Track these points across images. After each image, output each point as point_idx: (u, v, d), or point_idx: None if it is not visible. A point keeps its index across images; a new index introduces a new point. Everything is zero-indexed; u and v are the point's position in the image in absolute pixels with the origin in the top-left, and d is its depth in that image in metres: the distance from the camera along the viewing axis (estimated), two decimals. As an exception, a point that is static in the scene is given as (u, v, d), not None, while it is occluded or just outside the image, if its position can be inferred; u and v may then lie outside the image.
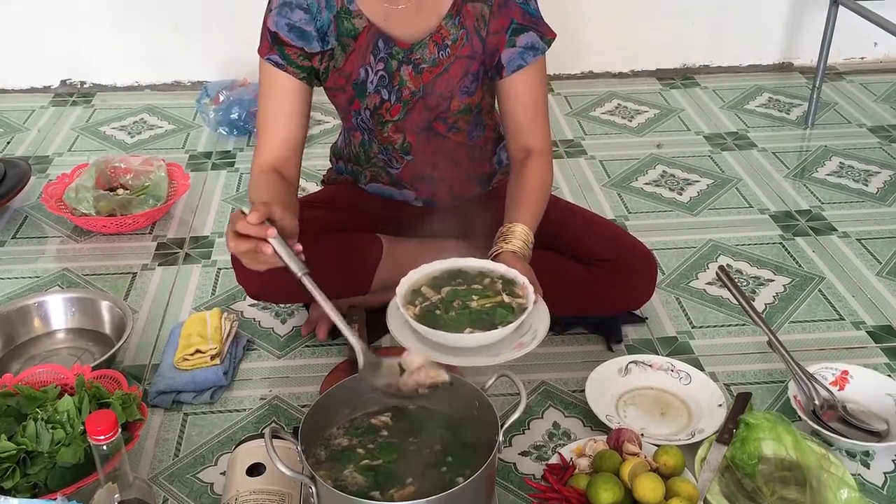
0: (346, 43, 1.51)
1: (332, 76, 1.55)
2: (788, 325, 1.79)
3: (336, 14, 1.50)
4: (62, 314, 1.75)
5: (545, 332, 1.35)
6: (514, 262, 1.41)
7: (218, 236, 2.10)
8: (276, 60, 1.51)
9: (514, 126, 1.58)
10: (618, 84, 2.95)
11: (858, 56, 3.07)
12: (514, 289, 1.39)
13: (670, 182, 2.34)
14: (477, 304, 1.37)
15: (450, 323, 1.33)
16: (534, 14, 1.53)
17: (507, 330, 1.32)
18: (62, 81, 2.91)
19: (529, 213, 1.50)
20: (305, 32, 1.50)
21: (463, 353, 1.32)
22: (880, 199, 2.25)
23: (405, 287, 1.40)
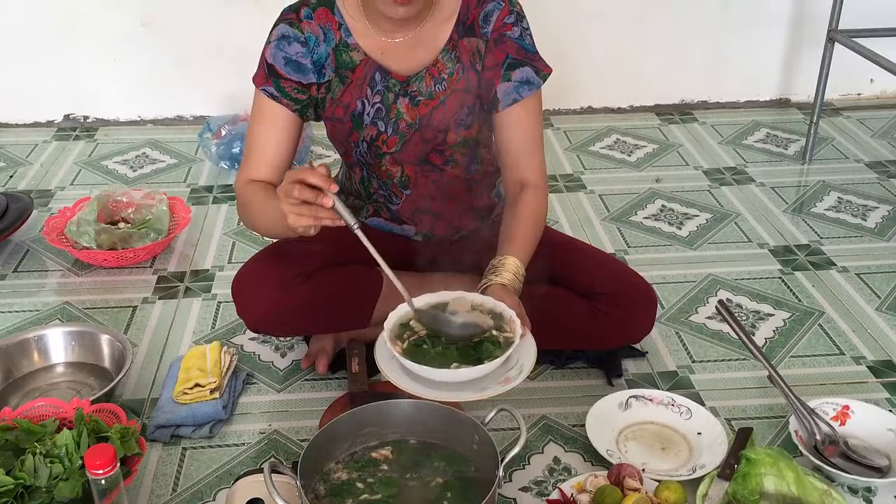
0: (345, 75, 1.54)
1: (329, 107, 1.57)
2: (789, 359, 1.79)
3: (335, 47, 1.52)
4: (62, 348, 1.75)
5: (531, 367, 1.35)
6: (503, 296, 1.42)
7: (218, 270, 2.11)
8: (271, 92, 1.53)
9: (509, 159, 1.59)
10: (617, 119, 2.98)
11: (855, 92, 3.10)
12: (502, 323, 1.39)
13: (669, 216, 2.35)
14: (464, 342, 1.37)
15: (436, 357, 1.34)
16: (529, 49, 1.55)
17: (493, 365, 1.32)
18: (65, 116, 2.93)
19: (521, 246, 1.51)
20: (301, 65, 1.52)
21: (449, 387, 1.32)
22: (879, 234, 2.26)
23: (393, 321, 1.41)
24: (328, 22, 1.52)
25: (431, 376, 1.31)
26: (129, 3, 2.76)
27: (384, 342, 1.37)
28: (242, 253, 2.15)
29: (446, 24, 1.53)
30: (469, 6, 1.52)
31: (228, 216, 2.36)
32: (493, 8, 1.52)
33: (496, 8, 1.52)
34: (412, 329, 1.40)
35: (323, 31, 1.52)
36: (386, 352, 1.37)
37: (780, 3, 2.92)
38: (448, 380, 1.32)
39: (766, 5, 2.92)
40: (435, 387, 1.32)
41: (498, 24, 1.52)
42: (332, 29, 1.52)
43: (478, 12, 1.52)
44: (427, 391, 1.31)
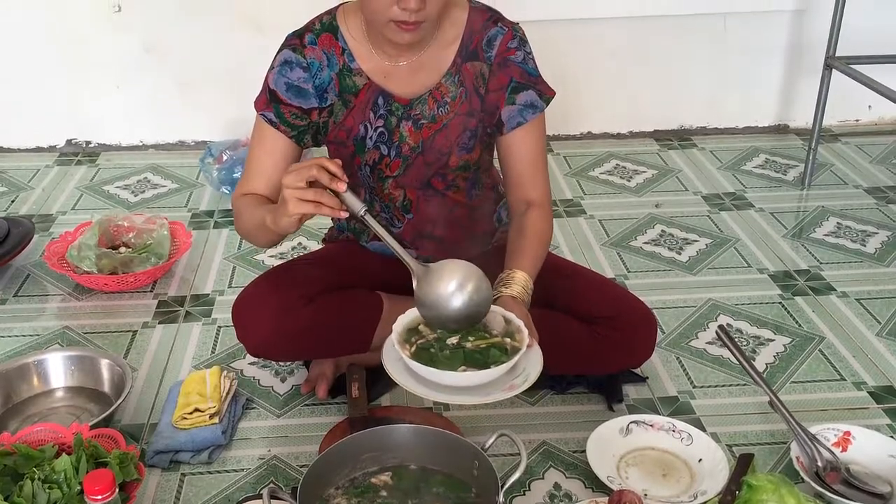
0: (348, 99, 1.55)
1: (332, 130, 1.58)
2: (790, 385, 1.79)
3: (338, 72, 1.54)
4: (61, 372, 1.74)
5: (537, 376, 1.36)
6: (513, 307, 1.43)
7: (218, 294, 2.11)
8: (270, 118, 1.55)
9: (514, 180, 1.61)
10: (616, 144, 2.99)
11: (853, 118, 3.11)
12: (511, 330, 1.41)
13: (669, 241, 2.36)
14: (472, 345, 1.38)
15: (443, 361, 1.35)
16: (532, 73, 1.56)
17: (500, 370, 1.33)
18: (68, 141, 2.95)
19: (529, 261, 1.53)
20: (303, 90, 1.54)
21: (455, 391, 1.34)
22: (878, 260, 2.26)
23: (402, 324, 1.42)
24: (332, 47, 1.54)
25: (437, 379, 1.33)
26: (133, 29, 2.78)
27: (392, 344, 1.39)
28: (243, 277, 2.15)
29: (449, 49, 1.55)
30: (472, 31, 1.54)
31: (229, 241, 2.36)
32: (497, 33, 1.54)
33: (499, 33, 1.54)
34: (420, 333, 1.42)
35: (326, 56, 1.54)
36: (394, 354, 1.39)
37: (778, 30, 2.95)
38: (454, 383, 1.33)
39: (764, 33, 2.94)
40: (440, 389, 1.33)
41: (501, 49, 1.54)
42: (335, 54, 1.54)
43: (481, 37, 1.54)
44: (433, 393, 1.33)
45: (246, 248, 2.32)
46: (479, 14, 1.55)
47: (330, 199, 1.32)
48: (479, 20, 1.55)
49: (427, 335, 1.41)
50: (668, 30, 2.91)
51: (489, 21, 1.55)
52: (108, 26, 2.77)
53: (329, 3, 1.63)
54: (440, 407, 1.70)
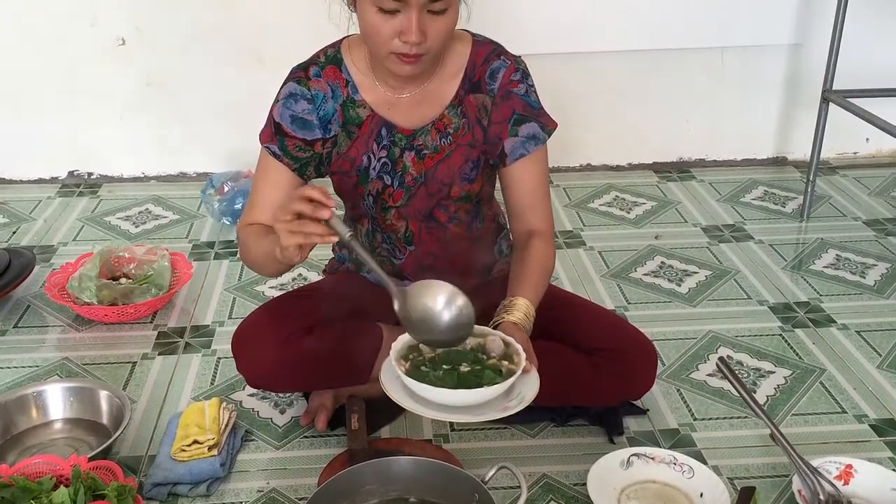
0: (351, 130, 1.57)
1: (336, 161, 1.59)
2: (790, 417, 1.78)
3: (342, 103, 1.56)
4: (60, 404, 1.74)
5: (532, 398, 1.36)
6: (513, 332, 1.44)
7: (218, 325, 2.11)
8: (274, 150, 1.56)
9: (517, 210, 1.63)
10: (616, 176, 3.01)
11: (851, 151, 3.13)
12: (510, 353, 1.41)
13: (669, 273, 2.36)
14: (467, 368, 1.38)
15: (436, 382, 1.35)
16: (535, 106, 1.58)
17: (494, 391, 1.33)
18: (70, 172, 2.96)
19: (531, 288, 1.53)
20: (307, 122, 1.55)
21: (448, 409, 1.34)
22: (878, 292, 2.26)
23: (402, 343, 1.43)
24: (336, 79, 1.56)
25: (431, 396, 1.34)
26: (136, 62, 2.81)
27: (390, 361, 1.40)
28: (243, 308, 2.15)
29: (453, 81, 1.56)
30: (475, 64, 1.56)
31: (229, 272, 2.37)
32: (500, 66, 1.56)
33: (502, 66, 1.56)
34: (419, 351, 1.42)
35: (331, 87, 1.55)
36: (391, 370, 1.39)
37: (776, 64, 2.98)
38: (447, 401, 1.34)
39: (761, 66, 2.97)
40: (434, 407, 1.34)
41: (504, 81, 1.56)
42: (339, 86, 1.56)
43: (484, 69, 1.56)
44: (425, 410, 1.33)
45: (246, 279, 2.32)
46: (483, 47, 1.57)
47: (316, 227, 1.31)
48: (483, 53, 1.57)
49: (426, 354, 1.42)
50: (667, 63, 2.94)
51: (492, 54, 1.57)
52: (112, 59, 2.80)
53: (329, 35, 1.64)
54: (440, 439, 1.70)
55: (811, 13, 2.86)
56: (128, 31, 2.77)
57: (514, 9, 2.71)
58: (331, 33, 1.63)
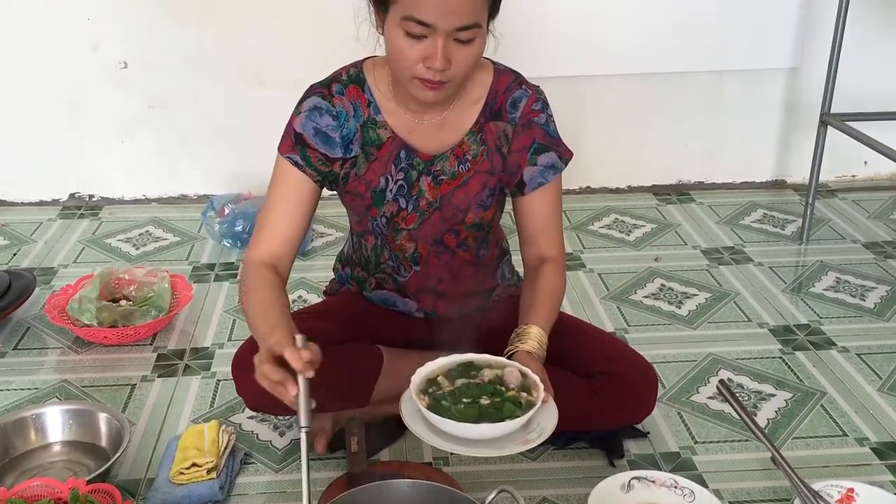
0: (370, 151, 1.57)
1: (352, 182, 1.59)
2: (791, 440, 1.77)
3: (363, 123, 1.56)
4: (59, 427, 1.73)
5: (551, 430, 1.37)
6: (529, 362, 1.44)
7: (218, 347, 2.11)
8: (296, 160, 1.55)
9: (530, 236, 1.63)
10: (615, 199, 3.01)
11: (849, 174, 3.14)
12: (528, 384, 1.42)
13: (669, 295, 2.36)
14: (487, 401, 1.38)
15: (457, 415, 1.36)
16: (553, 135, 1.60)
17: (514, 424, 1.34)
18: (71, 195, 2.97)
19: (544, 316, 1.54)
20: (330, 138, 1.55)
21: (469, 443, 1.34)
22: (878, 315, 2.26)
23: (421, 376, 1.44)
24: (358, 99, 1.56)
25: (452, 430, 1.34)
26: (138, 85, 2.82)
27: (410, 395, 1.40)
28: (243, 330, 2.15)
29: (474, 108, 1.57)
30: (497, 92, 1.57)
31: (229, 294, 2.37)
32: (521, 95, 1.57)
33: (524, 95, 1.57)
34: (438, 384, 1.43)
35: (353, 106, 1.56)
36: (411, 404, 1.39)
37: (774, 87, 2.99)
38: (468, 435, 1.34)
39: (760, 90, 2.99)
40: (455, 441, 1.34)
41: (526, 111, 1.57)
42: (361, 106, 1.56)
43: (505, 98, 1.57)
44: (447, 444, 1.34)
45: (246, 302, 2.32)
46: (504, 76, 1.58)
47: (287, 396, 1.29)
48: (504, 82, 1.58)
49: (444, 387, 1.42)
50: (666, 87, 2.95)
51: (514, 83, 1.58)
52: (114, 82, 2.81)
53: (331, 59, 1.65)
54: (440, 462, 1.69)
55: (809, 37, 2.88)
56: (129, 55, 2.79)
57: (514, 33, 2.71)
58: (332, 57, 1.65)
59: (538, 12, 2.77)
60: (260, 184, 1.60)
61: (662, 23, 2.83)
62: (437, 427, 1.35)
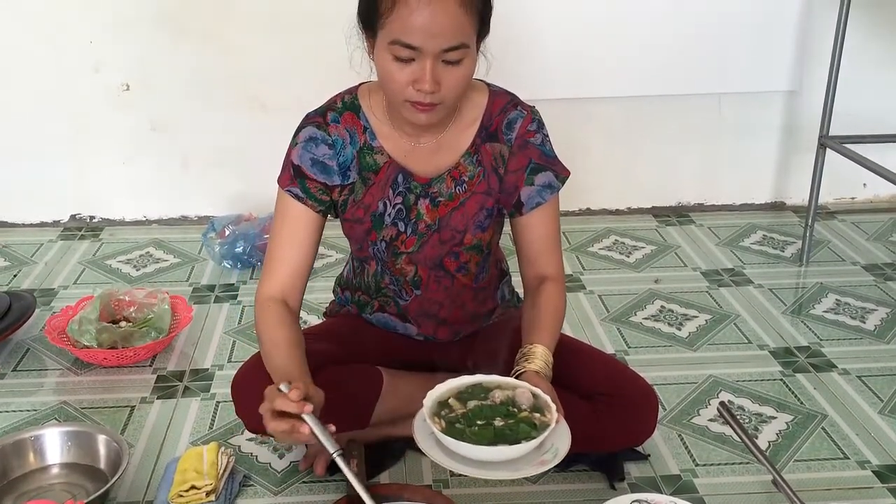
0: (367, 177, 1.57)
1: (350, 208, 1.60)
2: (793, 463, 1.77)
3: (359, 150, 1.57)
4: (58, 448, 1.72)
5: (566, 451, 1.37)
6: (538, 382, 1.44)
7: (218, 369, 2.11)
8: (297, 193, 1.56)
9: (529, 256, 1.64)
10: (615, 221, 3.02)
11: (848, 196, 3.15)
12: (539, 404, 1.41)
13: (669, 317, 2.36)
14: (501, 423, 1.38)
15: (471, 437, 1.35)
16: (549, 155, 1.60)
17: (531, 445, 1.34)
18: (72, 216, 2.98)
19: (548, 334, 1.54)
20: (328, 167, 1.56)
21: (486, 466, 1.34)
22: (878, 337, 2.26)
23: (432, 399, 1.43)
24: (354, 125, 1.57)
25: (468, 453, 1.33)
26: (140, 107, 2.84)
27: (423, 419, 1.39)
28: (243, 352, 2.15)
29: (469, 130, 1.58)
30: (491, 114, 1.58)
31: (229, 315, 2.37)
32: (517, 116, 1.58)
33: (519, 116, 1.58)
34: (450, 407, 1.42)
35: (349, 133, 1.57)
36: (425, 428, 1.39)
37: (773, 110, 3.01)
38: (485, 458, 1.33)
39: (758, 112, 3.00)
40: (471, 464, 1.34)
41: (522, 131, 1.57)
42: (357, 132, 1.57)
43: (501, 119, 1.58)
44: (463, 468, 1.33)
45: (246, 323, 2.32)
46: (499, 97, 1.59)
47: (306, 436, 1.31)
48: (499, 103, 1.58)
49: (457, 410, 1.41)
50: (665, 109, 2.97)
51: (509, 104, 1.58)
52: (115, 104, 2.83)
53: (331, 83, 1.66)
54: (440, 484, 1.68)
55: (807, 60, 2.90)
56: (131, 77, 2.81)
57: (514, 55, 2.74)
58: (332, 81, 1.66)
59: (538, 35, 2.79)
60: (260, 205, 1.61)
61: (662, 45, 2.85)
62: (452, 450, 1.35)
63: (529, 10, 2.75)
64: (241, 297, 2.47)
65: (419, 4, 1.35)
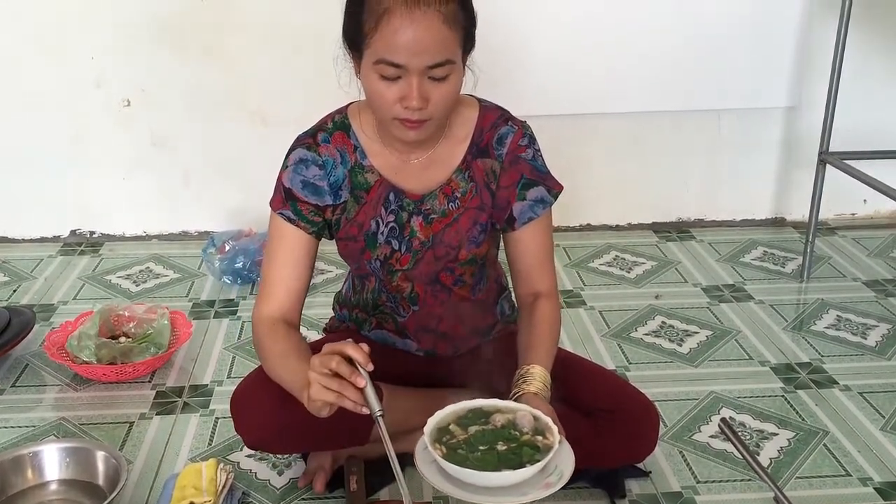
0: (360, 196, 1.58)
1: (344, 227, 1.60)
2: (795, 480, 1.76)
3: (350, 169, 1.57)
4: (56, 465, 1.71)
5: (571, 472, 1.35)
6: (538, 404, 1.43)
7: (217, 384, 2.10)
8: (289, 216, 1.56)
9: (522, 271, 1.63)
10: (615, 236, 3.02)
11: (849, 212, 3.15)
12: (541, 427, 1.40)
13: (670, 333, 2.35)
14: (504, 447, 1.37)
15: (475, 463, 1.33)
16: (541, 170, 1.60)
17: (535, 468, 1.32)
18: (72, 231, 2.98)
19: (544, 354, 1.53)
20: (319, 188, 1.56)
21: (491, 491, 1.32)
22: (880, 353, 2.26)
23: (432, 425, 1.41)
24: (344, 145, 1.57)
25: (473, 480, 1.31)
26: (141, 122, 2.84)
27: (424, 446, 1.37)
28: (242, 367, 2.14)
29: (460, 146, 1.58)
30: (482, 130, 1.58)
31: (229, 330, 2.36)
32: (507, 132, 1.58)
33: (510, 132, 1.58)
34: (451, 433, 1.40)
35: (340, 153, 1.57)
36: (426, 456, 1.37)
37: (772, 126, 3.01)
38: (489, 483, 1.32)
39: (758, 128, 3.01)
40: (476, 490, 1.32)
41: (512, 147, 1.58)
42: (347, 152, 1.57)
43: (491, 135, 1.58)
44: (468, 495, 1.31)
45: (245, 339, 2.31)
46: (490, 113, 1.59)
47: (352, 393, 1.32)
48: (490, 119, 1.59)
49: (458, 435, 1.39)
50: (665, 125, 2.98)
51: (499, 120, 1.59)
52: (116, 119, 2.83)
53: (331, 97, 1.67)
54: (440, 501, 1.68)
55: (807, 77, 2.91)
56: (132, 92, 2.81)
57: (514, 71, 2.76)
58: (333, 95, 1.66)
59: (540, 52, 2.80)
60: (261, 221, 1.61)
61: (662, 62, 2.86)
62: (455, 477, 1.33)
63: (531, 29, 2.77)
64: (240, 312, 2.46)
65: (402, 23, 1.36)
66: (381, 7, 1.37)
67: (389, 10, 1.37)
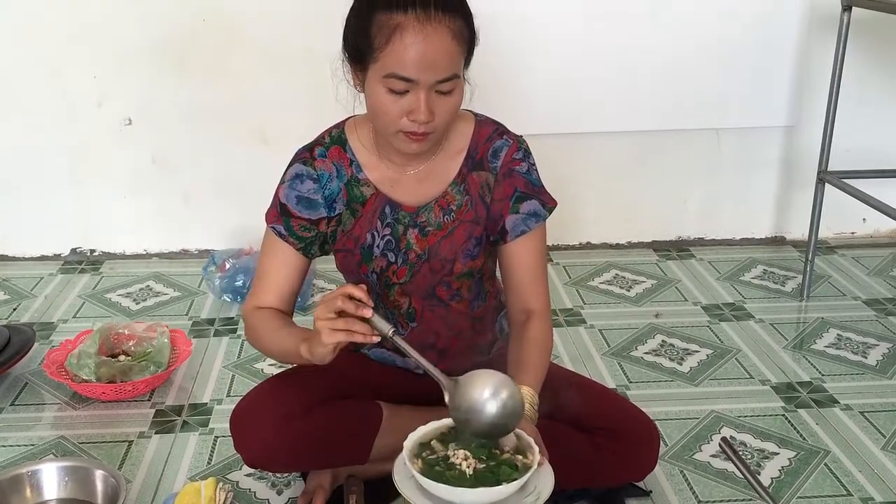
0: (355, 208, 1.59)
1: (340, 239, 1.61)
2: (796, 500, 1.75)
3: (346, 182, 1.58)
4: (55, 484, 1.71)
5: (548, 495, 1.33)
6: (523, 425, 1.42)
7: (217, 403, 2.09)
8: (280, 231, 1.58)
9: (514, 287, 1.63)
10: (615, 255, 3.02)
11: (848, 231, 3.16)
12: (522, 446, 1.39)
13: (670, 352, 2.35)
14: (483, 464, 1.36)
15: (452, 480, 1.32)
16: (536, 184, 1.61)
17: (512, 488, 1.31)
18: (72, 250, 2.98)
19: (533, 374, 1.52)
20: (313, 201, 1.57)
21: None
22: (881, 372, 2.25)
23: (413, 440, 1.40)
24: (340, 159, 1.58)
25: (450, 497, 1.30)
26: (142, 141, 2.85)
27: (403, 461, 1.37)
28: (242, 386, 2.14)
29: (456, 159, 1.59)
30: (478, 142, 1.59)
31: (229, 349, 2.36)
32: (502, 145, 1.59)
33: (505, 145, 1.59)
34: (431, 448, 1.39)
35: (336, 167, 1.58)
36: (405, 470, 1.36)
37: (771, 145, 3.02)
38: (465, 500, 1.31)
39: (757, 147, 3.02)
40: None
41: (507, 160, 1.58)
42: (344, 165, 1.58)
43: (487, 148, 1.59)
44: None
45: (245, 357, 2.31)
46: (485, 126, 1.60)
47: (360, 326, 1.34)
48: (485, 132, 1.60)
49: (438, 451, 1.39)
50: (664, 144, 2.99)
51: (495, 133, 1.60)
52: (117, 138, 2.84)
53: (332, 115, 1.67)
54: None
55: (805, 96, 2.93)
56: (134, 112, 2.82)
57: (514, 90, 2.77)
58: (333, 113, 1.66)
59: (538, 70, 2.82)
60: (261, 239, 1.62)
61: (661, 81, 2.87)
62: (431, 493, 1.32)
63: (531, 49, 2.78)
64: (240, 331, 2.46)
65: (415, 39, 1.37)
66: (392, 22, 1.39)
67: (401, 26, 1.38)
